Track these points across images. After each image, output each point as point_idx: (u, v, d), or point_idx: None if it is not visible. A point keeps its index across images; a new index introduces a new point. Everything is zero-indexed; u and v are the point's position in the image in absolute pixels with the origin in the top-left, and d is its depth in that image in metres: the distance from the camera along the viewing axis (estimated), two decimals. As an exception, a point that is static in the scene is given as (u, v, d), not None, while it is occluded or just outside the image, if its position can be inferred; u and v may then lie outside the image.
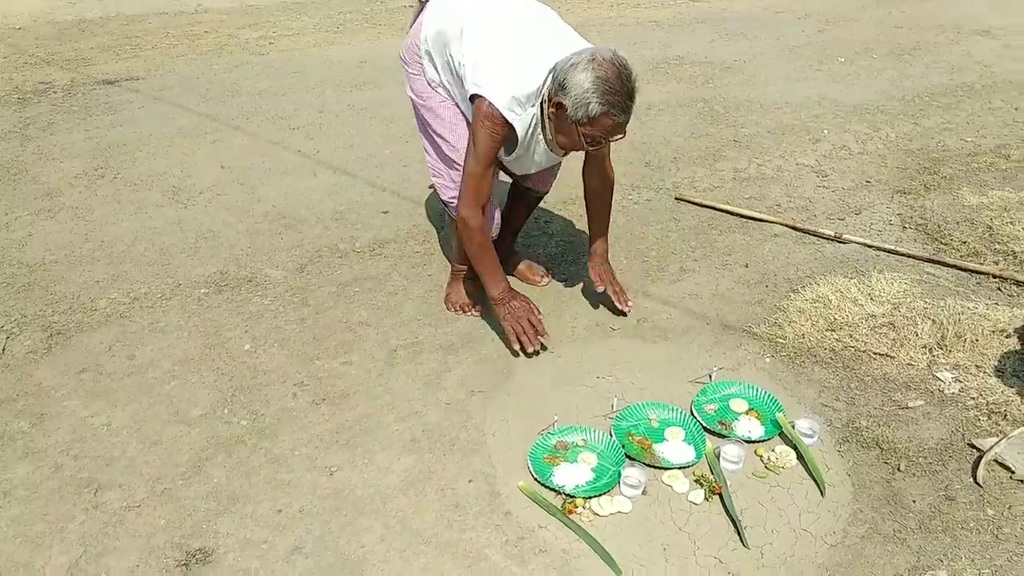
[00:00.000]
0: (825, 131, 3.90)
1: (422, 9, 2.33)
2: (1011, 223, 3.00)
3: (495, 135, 2.10)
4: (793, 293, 2.62)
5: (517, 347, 2.30)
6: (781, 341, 2.40)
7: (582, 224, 3.03)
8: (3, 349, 2.32)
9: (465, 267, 2.57)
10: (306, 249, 2.89)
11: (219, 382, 2.22)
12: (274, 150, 3.64)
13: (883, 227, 3.05)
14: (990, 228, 2.99)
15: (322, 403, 2.15)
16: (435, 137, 2.33)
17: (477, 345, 2.38)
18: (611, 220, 2.53)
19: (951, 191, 3.28)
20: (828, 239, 2.93)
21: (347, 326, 2.47)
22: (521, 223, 2.76)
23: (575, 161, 2.39)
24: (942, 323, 2.41)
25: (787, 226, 3.04)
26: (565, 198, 3.21)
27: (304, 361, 2.31)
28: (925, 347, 2.33)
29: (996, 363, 2.26)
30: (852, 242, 2.91)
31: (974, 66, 4.76)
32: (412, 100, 2.37)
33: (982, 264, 2.74)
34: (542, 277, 2.72)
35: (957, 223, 3.04)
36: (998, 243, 2.89)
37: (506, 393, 2.19)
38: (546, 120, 2.13)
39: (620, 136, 2.10)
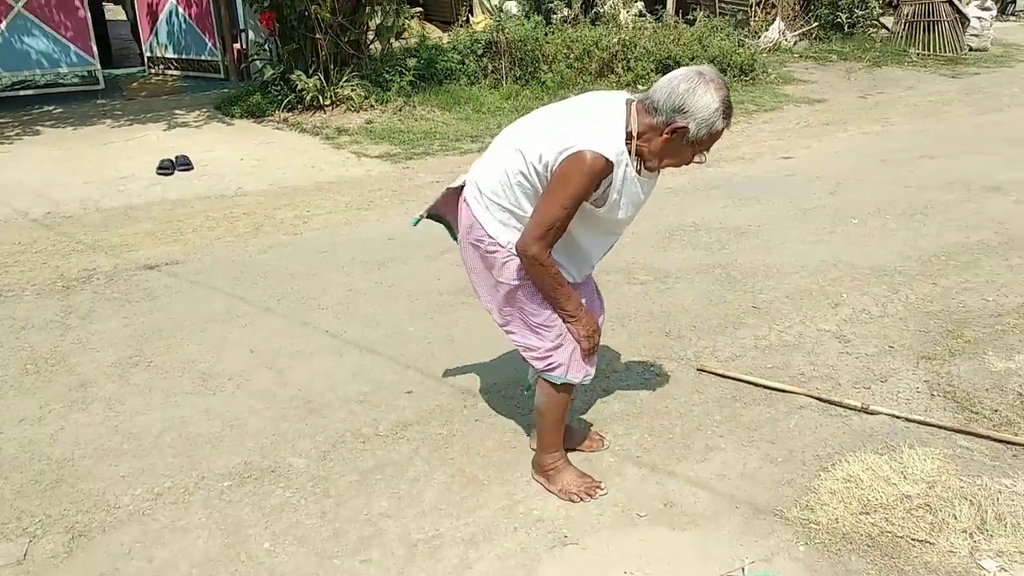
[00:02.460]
0: (844, 295, 3.93)
1: (458, 200, 2.40)
2: (1043, 388, 2.95)
3: (591, 184, 2.11)
4: (823, 472, 2.56)
5: (590, 363, 2.43)
6: (814, 527, 2.31)
7: (606, 408, 3.04)
8: (25, 555, 2.31)
9: (565, 449, 2.56)
10: (329, 435, 2.90)
11: (236, 586, 2.18)
12: (303, 331, 3.75)
13: (910, 395, 3.01)
14: (1021, 395, 2.93)
15: (339, 608, 2.09)
16: (531, 316, 2.34)
17: (499, 539, 2.33)
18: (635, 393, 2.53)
19: (977, 356, 3.25)
20: (855, 410, 2.89)
21: (367, 519, 2.44)
22: None
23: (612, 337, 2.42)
24: (980, 504, 2.32)
25: (812, 397, 3.00)
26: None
27: (323, 559, 2.27)
28: (965, 531, 2.23)
29: (1044, 549, 2.15)
30: (880, 413, 2.86)
31: (988, 223, 4.83)
32: (506, 285, 2.33)
33: (1016, 435, 2.67)
34: (602, 440, 2.79)
35: (986, 390, 2.99)
36: (1032, 411, 2.83)
37: (529, 593, 2.12)
38: (632, 153, 2.15)
39: None
